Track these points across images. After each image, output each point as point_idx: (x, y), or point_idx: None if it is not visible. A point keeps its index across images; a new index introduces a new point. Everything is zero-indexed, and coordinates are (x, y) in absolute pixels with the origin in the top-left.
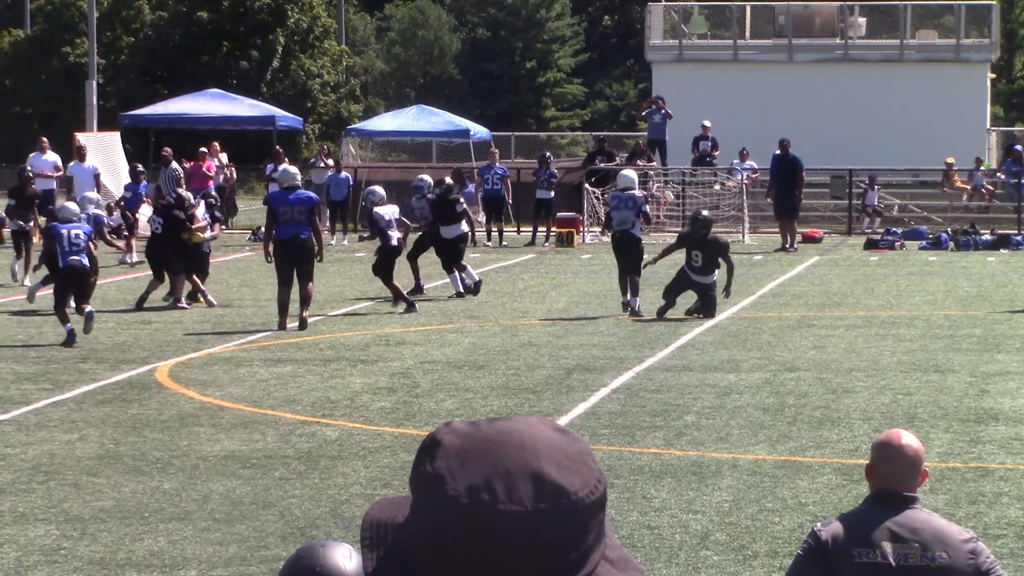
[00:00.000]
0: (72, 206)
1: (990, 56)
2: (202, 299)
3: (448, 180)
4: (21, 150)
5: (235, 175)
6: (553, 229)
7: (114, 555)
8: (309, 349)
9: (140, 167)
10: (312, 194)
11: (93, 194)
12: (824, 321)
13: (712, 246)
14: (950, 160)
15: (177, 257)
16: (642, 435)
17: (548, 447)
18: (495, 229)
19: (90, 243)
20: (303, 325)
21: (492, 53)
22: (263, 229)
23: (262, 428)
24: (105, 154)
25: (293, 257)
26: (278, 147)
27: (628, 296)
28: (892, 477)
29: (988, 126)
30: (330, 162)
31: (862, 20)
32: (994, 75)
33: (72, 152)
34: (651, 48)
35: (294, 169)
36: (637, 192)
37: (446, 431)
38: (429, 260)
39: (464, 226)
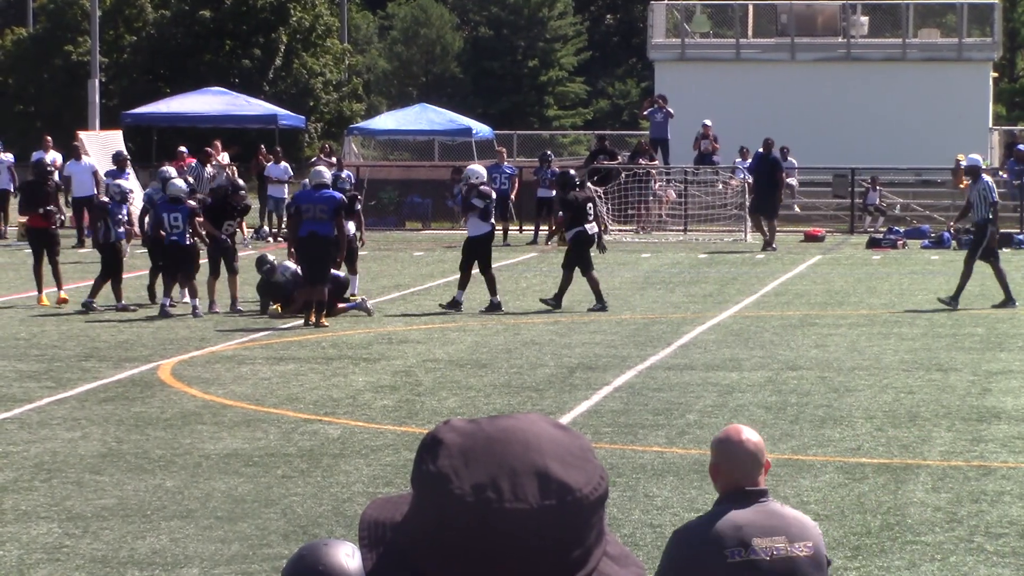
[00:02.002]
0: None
1: (992, 55)
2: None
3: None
4: (25, 148)
5: (236, 174)
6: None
7: (116, 553)
8: (311, 347)
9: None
10: (337, 194)
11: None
12: (826, 320)
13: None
14: (959, 157)
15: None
16: (644, 433)
17: (552, 444)
18: (500, 228)
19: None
20: (310, 322)
21: (494, 52)
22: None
23: (264, 426)
24: (108, 152)
25: (309, 255)
26: (278, 147)
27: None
28: (739, 473)
29: (990, 125)
30: (332, 160)
31: (864, 19)
32: (996, 74)
33: (76, 151)
34: (653, 47)
35: (325, 169)
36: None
37: (447, 429)
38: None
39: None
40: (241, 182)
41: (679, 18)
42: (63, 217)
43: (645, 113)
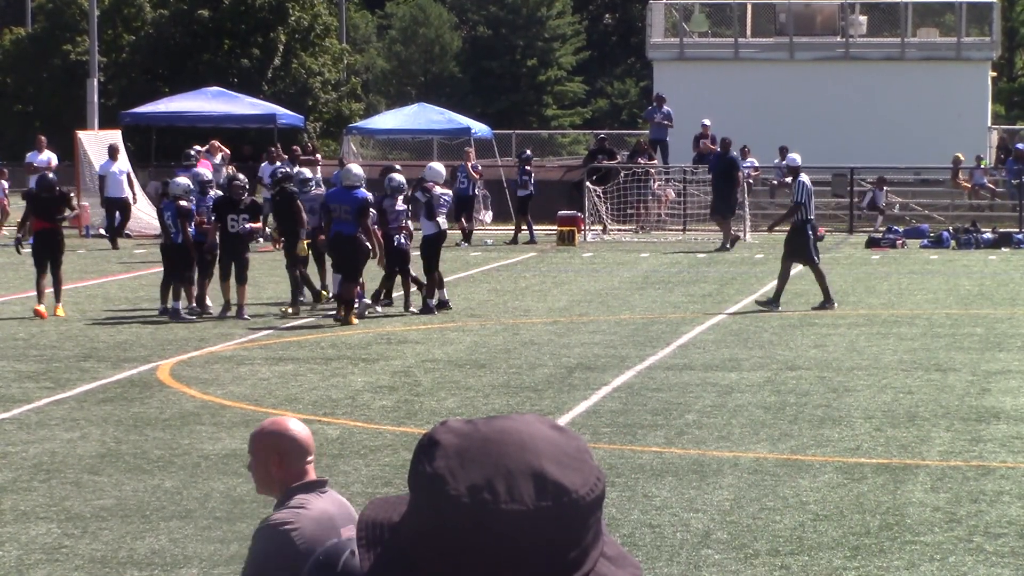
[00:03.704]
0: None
1: (991, 54)
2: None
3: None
4: (24, 148)
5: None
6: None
7: (115, 553)
8: (310, 347)
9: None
10: (363, 194)
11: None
12: (825, 320)
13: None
14: (959, 156)
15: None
16: (643, 434)
17: (548, 445)
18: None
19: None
20: (337, 319)
21: (493, 51)
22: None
23: None
24: (106, 152)
25: (335, 254)
26: (276, 145)
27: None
28: (300, 464)
29: (989, 124)
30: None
31: (863, 18)
32: (995, 73)
33: (74, 150)
34: (652, 46)
35: (357, 168)
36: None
37: (444, 430)
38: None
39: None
40: (241, 176)
41: (678, 17)
42: (76, 211)
43: (644, 114)
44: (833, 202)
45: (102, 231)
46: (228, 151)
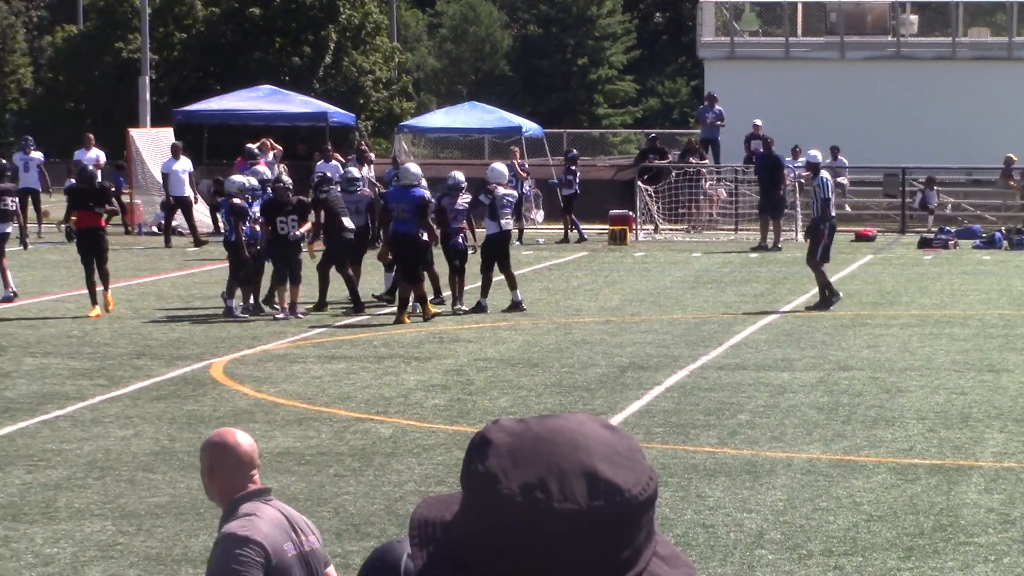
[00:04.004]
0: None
1: None
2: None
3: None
4: (76, 146)
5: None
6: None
7: (170, 551)
8: (363, 346)
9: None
10: (420, 191)
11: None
12: (878, 320)
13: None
14: (1011, 156)
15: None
16: (696, 433)
17: (600, 444)
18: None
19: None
20: (428, 317)
21: (544, 50)
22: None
23: (316, 425)
24: (158, 150)
25: (396, 253)
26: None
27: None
28: (245, 474)
29: None
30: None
31: (914, 18)
32: None
33: (126, 148)
34: (703, 45)
35: (414, 167)
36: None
37: (496, 429)
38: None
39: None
40: (286, 177)
41: (728, 16)
42: (115, 208)
43: (696, 113)
44: (885, 202)
45: (155, 228)
46: (281, 148)
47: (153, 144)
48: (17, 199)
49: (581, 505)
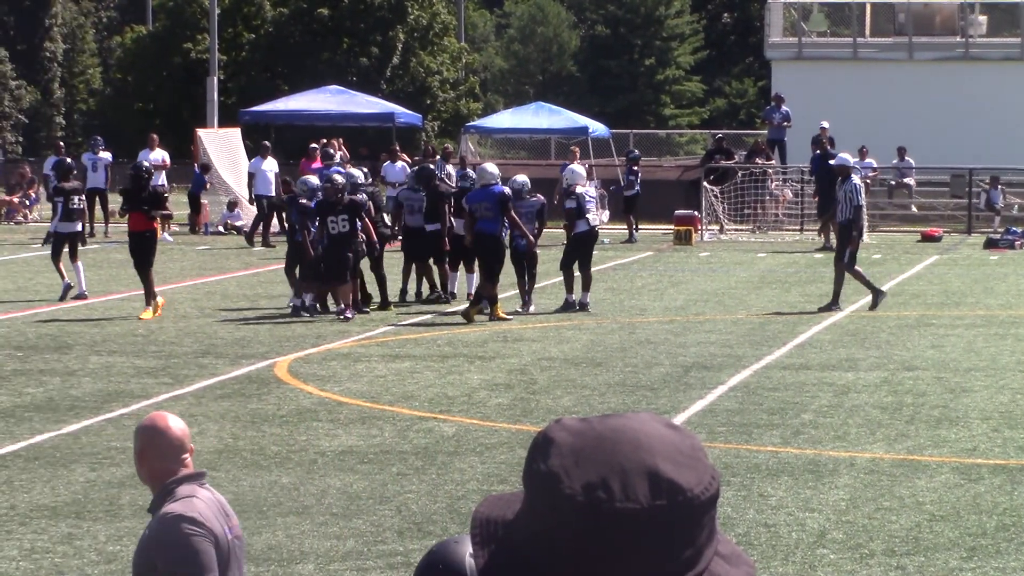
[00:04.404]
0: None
1: None
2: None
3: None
4: (145, 146)
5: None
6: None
7: None
8: (427, 345)
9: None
10: (500, 188)
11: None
12: (943, 320)
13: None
14: None
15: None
16: (759, 433)
17: (662, 444)
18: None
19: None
20: (496, 317)
21: (611, 50)
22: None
23: (380, 424)
24: (226, 150)
25: (478, 253)
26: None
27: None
28: (176, 458)
29: None
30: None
31: (983, 18)
32: None
33: (194, 148)
34: (770, 46)
35: (492, 167)
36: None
37: (558, 428)
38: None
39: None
40: (337, 177)
41: (796, 17)
42: (166, 213)
43: (763, 113)
44: (951, 203)
45: (220, 228)
46: (347, 152)
47: (221, 144)
48: (84, 198)
49: (643, 505)
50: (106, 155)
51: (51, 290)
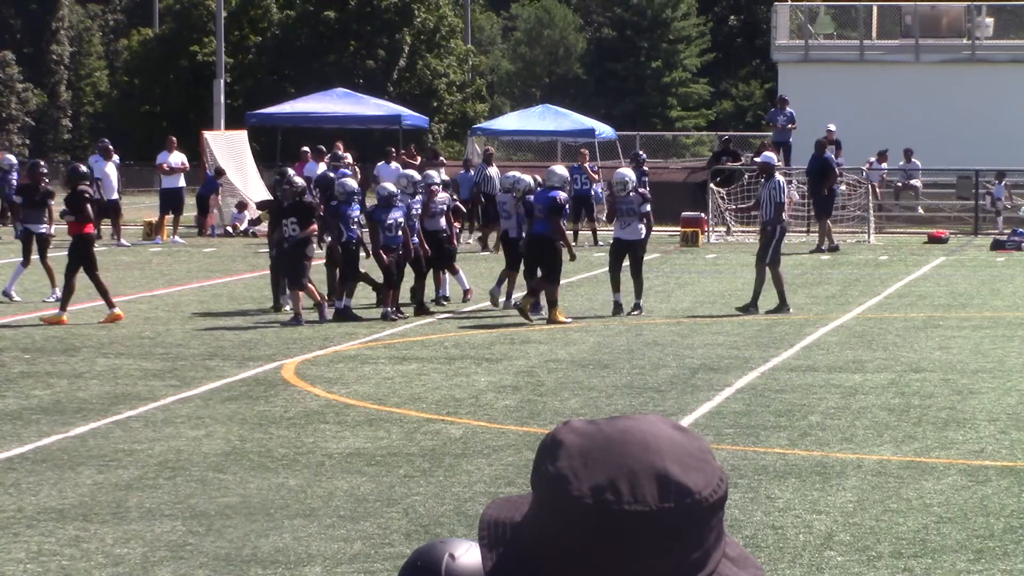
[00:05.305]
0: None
1: None
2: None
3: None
4: (151, 148)
5: (359, 175)
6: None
7: (239, 551)
8: (434, 347)
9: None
10: (555, 193)
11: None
12: (950, 322)
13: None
14: None
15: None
16: (766, 435)
17: (670, 446)
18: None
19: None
20: (556, 321)
21: (618, 53)
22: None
23: (387, 426)
24: (233, 153)
25: (532, 254)
26: (391, 148)
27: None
28: None
29: None
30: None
31: (989, 20)
32: None
33: (200, 150)
34: (777, 48)
35: (561, 169)
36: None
37: (566, 430)
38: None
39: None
40: (298, 180)
41: (803, 19)
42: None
43: (767, 116)
44: (958, 204)
45: (228, 229)
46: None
47: (227, 146)
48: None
49: (651, 507)
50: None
51: (57, 292)
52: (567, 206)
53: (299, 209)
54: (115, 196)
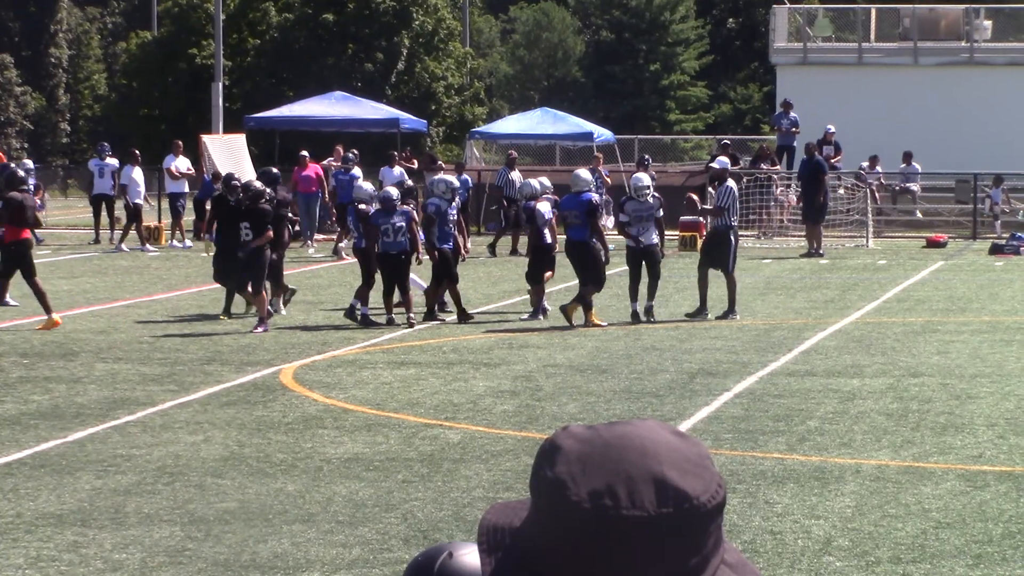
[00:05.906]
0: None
1: None
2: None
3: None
4: (149, 152)
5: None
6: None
7: (238, 556)
8: (432, 352)
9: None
10: (589, 195)
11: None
12: (948, 326)
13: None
14: None
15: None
16: (765, 440)
17: (669, 451)
18: None
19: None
20: (591, 323)
21: (616, 56)
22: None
23: (385, 431)
24: (231, 156)
25: (570, 259)
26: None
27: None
28: None
29: None
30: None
31: (988, 23)
32: None
33: (199, 154)
34: (775, 51)
35: (585, 173)
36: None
37: (565, 436)
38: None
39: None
40: (256, 183)
41: (801, 22)
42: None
43: (771, 120)
44: (956, 208)
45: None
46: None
47: (225, 149)
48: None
49: (649, 512)
50: (113, 161)
51: (56, 297)
52: (601, 207)
53: (253, 215)
54: (140, 201)
